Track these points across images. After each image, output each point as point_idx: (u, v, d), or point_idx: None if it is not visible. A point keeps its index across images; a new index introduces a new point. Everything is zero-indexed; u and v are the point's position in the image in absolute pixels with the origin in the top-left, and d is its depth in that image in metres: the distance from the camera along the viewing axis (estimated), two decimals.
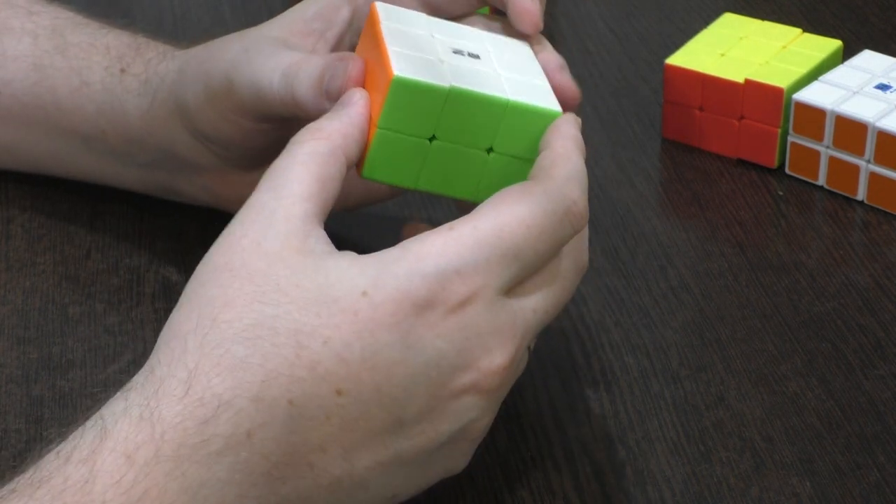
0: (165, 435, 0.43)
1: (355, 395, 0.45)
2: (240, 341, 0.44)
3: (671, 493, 0.53)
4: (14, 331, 0.62)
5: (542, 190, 0.47)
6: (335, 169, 0.48)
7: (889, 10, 0.86)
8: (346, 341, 0.45)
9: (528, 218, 0.47)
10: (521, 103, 0.50)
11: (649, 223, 0.69)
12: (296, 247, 0.46)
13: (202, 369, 0.44)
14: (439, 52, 0.51)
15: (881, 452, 0.55)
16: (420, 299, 0.45)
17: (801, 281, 0.64)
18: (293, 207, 0.47)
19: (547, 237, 0.47)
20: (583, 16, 0.88)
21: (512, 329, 0.47)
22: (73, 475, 0.43)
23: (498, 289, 0.46)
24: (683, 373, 0.59)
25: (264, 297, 0.45)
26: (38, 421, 0.57)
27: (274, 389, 0.44)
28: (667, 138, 0.75)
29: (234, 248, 0.46)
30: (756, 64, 0.73)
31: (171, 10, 0.89)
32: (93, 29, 0.67)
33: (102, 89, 0.64)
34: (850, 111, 0.68)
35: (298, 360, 0.44)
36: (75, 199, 0.70)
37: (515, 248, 0.46)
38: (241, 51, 0.56)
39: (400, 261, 0.45)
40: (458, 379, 0.46)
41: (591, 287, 0.64)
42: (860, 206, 0.69)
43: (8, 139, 0.68)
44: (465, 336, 0.46)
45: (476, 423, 0.48)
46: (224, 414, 0.44)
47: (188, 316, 0.46)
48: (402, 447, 0.46)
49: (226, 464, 0.44)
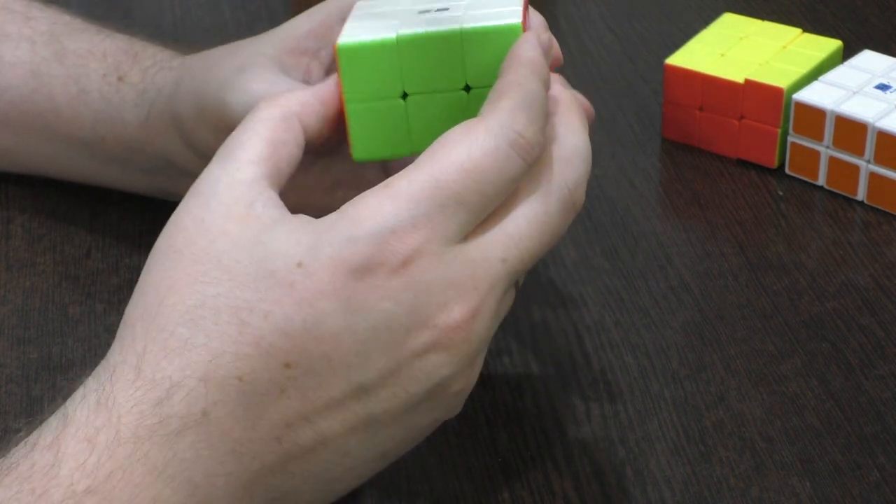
0: (122, 418, 0.44)
1: (305, 367, 0.44)
2: (183, 323, 0.45)
3: (671, 493, 0.53)
4: (14, 331, 0.62)
5: (483, 127, 0.45)
6: (289, 133, 0.48)
7: (889, 10, 0.86)
8: (287, 314, 0.44)
9: (465, 161, 0.45)
10: (475, 27, 0.48)
11: (649, 223, 0.69)
12: (239, 215, 0.45)
13: (150, 353, 0.44)
14: (401, 15, 0.50)
15: (881, 452, 0.55)
16: (357, 264, 0.44)
17: (801, 281, 0.64)
18: (237, 173, 0.46)
19: (492, 177, 0.45)
20: (583, 16, 0.88)
21: (472, 280, 0.45)
22: (39, 461, 0.43)
23: (445, 240, 0.45)
24: (683, 373, 0.59)
25: (206, 277, 0.45)
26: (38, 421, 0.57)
27: (222, 368, 0.44)
28: (667, 138, 0.75)
29: (178, 227, 0.46)
30: (756, 64, 0.73)
31: (171, 10, 0.89)
32: (90, 34, 0.66)
33: (100, 97, 0.64)
34: (850, 111, 0.68)
35: (242, 336, 0.44)
36: (75, 199, 0.70)
37: (455, 195, 0.44)
38: (235, 71, 0.56)
39: (334, 227, 0.44)
40: (414, 339, 0.45)
41: (591, 287, 0.64)
42: (860, 206, 0.69)
43: (8, 144, 0.68)
44: (413, 294, 0.44)
45: (452, 379, 0.46)
46: (176, 395, 0.44)
47: (136, 303, 0.46)
48: (373, 411, 0.46)
49: (187, 443, 0.44)
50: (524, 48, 0.48)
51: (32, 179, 0.70)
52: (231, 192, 0.46)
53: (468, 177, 0.45)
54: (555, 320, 0.62)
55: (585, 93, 0.79)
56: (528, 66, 0.47)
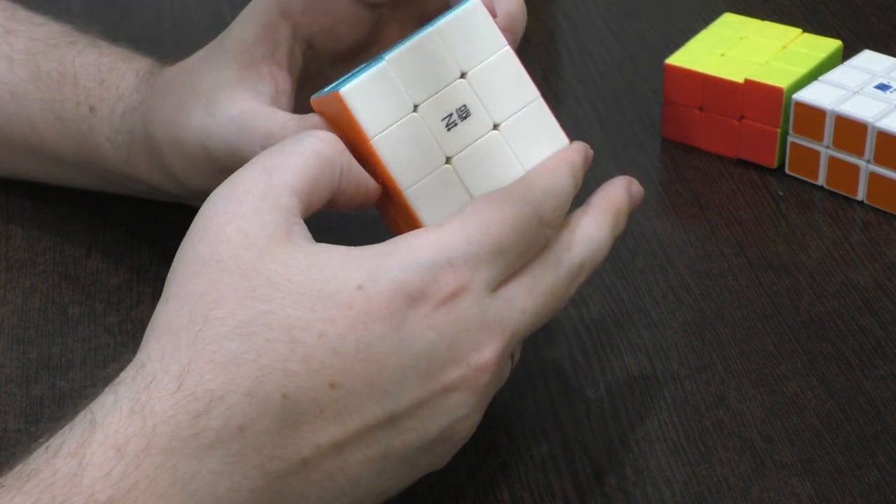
0: (157, 428, 0.43)
1: (348, 388, 0.45)
2: (233, 338, 0.45)
3: (671, 493, 0.53)
4: (14, 331, 0.62)
5: (520, 195, 0.49)
6: (329, 180, 0.49)
7: (889, 10, 0.86)
8: (341, 334, 0.45)
9: (510, 219, 0.48)
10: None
11: (649, 223, 0.68)
12: (281, 240, 0.46)
13: (195, 365, 0.44)
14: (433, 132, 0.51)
15: (881, 452, 0.55)
16: (414, 291, 0.46)
17: (801, 281, 0.64)
18: (281, 198, 0.47)
19: (526, 240, 0.49)
20: (583, 16, 0.88)
21: (500, 325, 0.48)
22: (61, 468, 0.43)
23: (486, 284, 0.47)
24: (683, 373, 0.59)
25: (256, 293, 0.45)
26: (37, 421, 0.57)
27: (268, 384, 0.44)
28: (667, 138, 0.75)
29: (220, 236, 0.46)
30: (756, 64, 0.73)
31: (171, 10, 0.89)
32: (63, 51, 0.65)
33: (77, 130, 0.63)
34: (849, 111, 0.68)
35: (293, 354, 0.44)
36: (75, 199, 0.70)
37: (501, 245, 0.48)
38: (206, 116, 0.56)
39: (394, 254, 0.46)
40: (448, 373, 0.47)
41: (591, 287, 0.64)
42: (860, 206, 0.69)
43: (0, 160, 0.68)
44: (455, 329, 0.46)
45: (463, 422, 0.48)
46: (216, 409, 0.44)
47: (178, 312, 0.46)
48: (392, 443, 0.46)
49: (217, 457, 0.44)
50: (568, 152, 0.52)
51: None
52: (273, 214, 0.46)
53: (511, 232, 0.48)
54: (555, 320, 0.62)
55: (585, 93, 0.80)
56: (566, 164, 0.51)
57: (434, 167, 0.50)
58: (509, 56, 0.52)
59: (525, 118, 0.52)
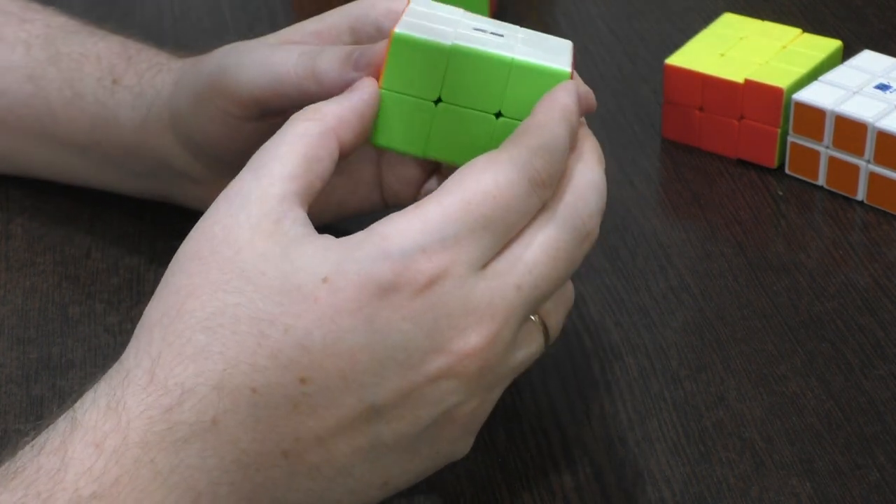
0: (131, 423, 0.44)
1: (320, 383, 0.44)
2: (201, 330, 0.44)
3: (671, 493, 0.53)
4: (14, 331, 0.62)
5: (507, 157, 0.46)
6: (324, 150, 0.48)
7: (889, 10, 0.86)
8: (307, 329, 0.44)
9: (493, 188, 0.45)
10: (527, 62, 0.49)
11: (649, 223, 0.69)
12: (267, 230, 0.45)
13: (165, 358, 0.44)
14: (458, 26, 0.50)
15: (881, 452, 0.55)
16: (384, 282, 0.44)
17: (801, 281, 0.64)
18: (270, 188, 0.46)
19: (515, 207, 0.46)
20: (583, 16, 0.88)
21: (489, 308, 0.45)
22: (45, 465, 0.43)
23: (469, 265, 0.45)
24: (683, 373, 0.59)
25: (228, 286, 0.45)
26: (37, 421, 0.57)
27: (236, 378, 0.44)
28: (667, 138, 0.75)
29: (206, 235, 0.46)
30: (756, 64, 0.73)
31: (171, 10, 0.89)
32: (84, 37, 0.66)
33: (95, 101, 0.64)
34: (849, 111, 0.68)
35: (260, 348, 0.44)
36: (75, 199, 0.70)
37: (483, 219, 0.45)
38: (233, 50, 0.56)
39: (363, 244, 0.45)
40: (430, 362, 0.45)
41: (591, 287, 0.64)
42: (860, 206, 0.69)
43: (4, 148, 0.68)
44: (433, 317, 0.45)
45: (461, 408, 0.47)
46: (188, 402, 0.44)
47: (156, 307, 0.46)
48: (380, 433, 0.46)
49: (194, 450, 0.44)
50: (561, 93, 0.49)
51: (32, 180, 0.70)
52: (261, 206, 0.46)
53: (496, 203, 0.45)
54: None
55: None
56: (560, 110, 0.48)
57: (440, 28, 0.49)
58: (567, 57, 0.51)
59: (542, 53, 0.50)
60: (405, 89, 0.49)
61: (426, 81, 0.49)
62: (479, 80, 0.49)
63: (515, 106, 0.49)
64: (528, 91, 0.49)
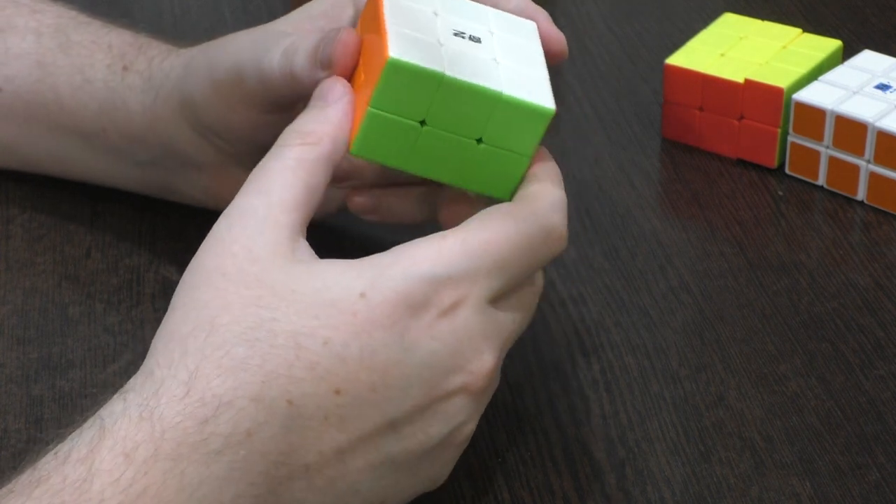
0: (165, 434, 0.43)
1: (353, 395, 0.45)
2: (240, 343, 0.45)
3: (671, 493, 0.53)
4: (14, 331, 0.62)
5: (529, 212, 0.49)
6: (322, 178, 0.49)
7: (889, 10, 0.86)
8: (345, 341, 0.45)
9: (514, 236, 0.48)
10: (514, 98, 0.50)
11: (649, 223, 0.68)
12: (285, 255, 0.47)
13: (203, 371, 0.45)
14: (439, 33, 0.51)
15: (881, 452, 0.55)
16: (415, 301, 0.46)
17: (801, 281, 0.64)
18: (282, 216, 0.48)
19: (530, 256, 0.49)
20: (583, 16, 0.88)
21: (498, 334, 0.49)
22: (71, 474, 0.43)
23: (484, 298, 0.48)
24: (683, 373, 0.59)
25: (261, 302, 0.46)
26: (38, 421, 0.57)
27: (274, 390, 0.45)
28: (667, 138, 0.75)
29: (226, 252, 0.47)
30: (756, 64, 0.73)
31: (171, 10, 0.89)
32: (95, 27, 0.67)
33: (104, 87, 0.64)
34: (849, 111, 0.68)
35: (298, 360, 0.45)
36: (75, 199, 0.70)
37: (502, 261, 0.48)
38: (248, 42, 0.57)
39: (395, 264, 0.47)
40: (450, 380, 0.47)
41: (591, 287, 0.64)
42: (860, 206, 0.69)
43: (9, 137, 0.68)
44: (456, 338, 0.47)
45: (463, 428, 0.49)
46: (224, 414, 0.44)
47: (184, 319, 0.46)
48: (393, 449, 0.47)
49: (224, 462, 0.44)
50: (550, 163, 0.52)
51: (32, 178, 0.70)
52: (276, 234, 0.47)
53: (514, 249, 0.49)
54: (555, 320, 0.62)
55: (585, 93, 0.80)
56: (555, 175, 0.51)
57: (427, 40, 0.50)
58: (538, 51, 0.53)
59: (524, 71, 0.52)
60: (392, 110, 0.50)
61: (414, 104, 0.50)
62: (465, 109, 0.50)
63: (497, 134, 0.51)
64: (510, 123, 0.50)
